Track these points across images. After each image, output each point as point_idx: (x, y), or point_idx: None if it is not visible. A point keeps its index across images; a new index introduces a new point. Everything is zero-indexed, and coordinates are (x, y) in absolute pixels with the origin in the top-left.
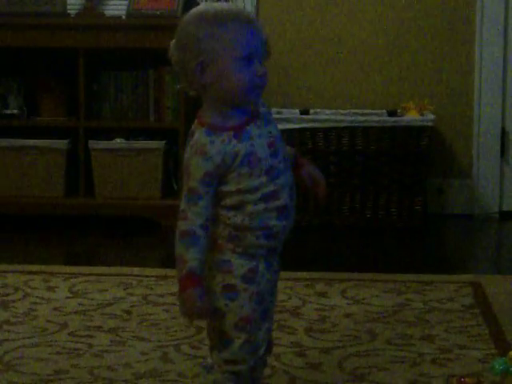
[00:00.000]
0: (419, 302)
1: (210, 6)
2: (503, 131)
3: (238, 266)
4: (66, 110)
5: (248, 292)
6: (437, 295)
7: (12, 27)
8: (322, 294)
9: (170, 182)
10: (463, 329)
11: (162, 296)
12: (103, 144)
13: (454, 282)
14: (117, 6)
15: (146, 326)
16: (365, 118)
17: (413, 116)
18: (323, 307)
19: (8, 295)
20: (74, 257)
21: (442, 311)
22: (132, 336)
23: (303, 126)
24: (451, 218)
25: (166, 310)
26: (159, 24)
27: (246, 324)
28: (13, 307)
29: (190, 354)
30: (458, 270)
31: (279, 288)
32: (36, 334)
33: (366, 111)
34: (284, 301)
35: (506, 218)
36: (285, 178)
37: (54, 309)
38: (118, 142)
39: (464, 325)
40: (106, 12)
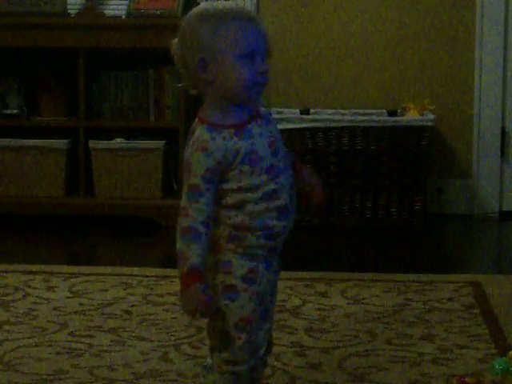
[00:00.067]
0: (419, 302)
1: (211, 4)
2: (503, 131)
3: (239, 267)
4: (66, 110)
5: (248, 292)
6: (437, 295)
7: (12, 27)
8: (322, 294)
9: (170, 182)
10: (463, 329)
11: (162, 296)
12: (103, 144)
13: (453, 282)
14: (117, 5)
15: (146, 325)
16: (365, 118)
17: (413, 116)
18: (323, 307)
19: (8, 295)
20: (74, 257)
21: (442, 311)
22: (132, 336)
23: (303, 125)
24: (451, 218)
25: (166, 310)
26: (159, 24)
27: (246, 324)
28: (13, 307)
29: (190, 354)
30: (457, 270)
31: (279, 288)
32: (36, 334)
33: (366, 111)
34: (284, 301)
35: (506, 218)
36: (285, 178)
37: (54, 309)
38: (118, 142)
39: (464, 325)
40: (106, 12)
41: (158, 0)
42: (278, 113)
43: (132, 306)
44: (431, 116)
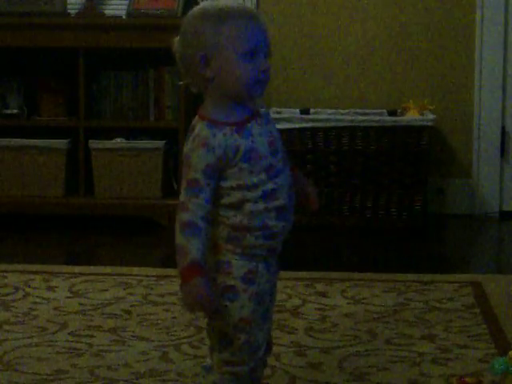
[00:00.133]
0: (419, 302)
1: (213, 2)
2: (503, 131)
3: (238, 267)
4: (66, 110)
5: (248, 293)
6: (437, 295)
7: (12, 27)
8: (322, 294)
9: (170, 182)
10: (463, 328)
11: (162, 296)
12: (103, 144)
13: (454, 282)
14: (117, 5)
15: (146, 325)
16: (365, 118)
17: (413, 116)
18: (323, 307)
19: (8, 295)
20: (74, 257)
21: (442, 311)
22: (132, 336)
23: (303, 125)
24: (451, 218)
25: (166, 310)
26: (159, 24)
27: (245, 325)
28: (13, 307)
29: (190, 354)
30: (458, 270)
31: (279, 288)
32: (36, 334)
33: (366, 111)
34: (284, 301)
35: (506, 218)
36: (284, 178)
37: (54, 309)
38: (118, 142)
39: (464, 324)
40: (106, 12)
41: (157, 0)
42: (278, 113)
43: (132, 305)
44: (431, 116)
